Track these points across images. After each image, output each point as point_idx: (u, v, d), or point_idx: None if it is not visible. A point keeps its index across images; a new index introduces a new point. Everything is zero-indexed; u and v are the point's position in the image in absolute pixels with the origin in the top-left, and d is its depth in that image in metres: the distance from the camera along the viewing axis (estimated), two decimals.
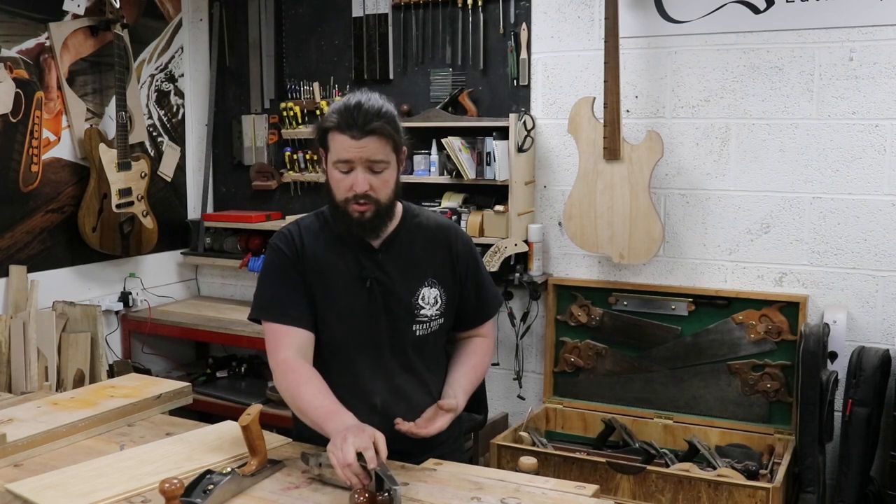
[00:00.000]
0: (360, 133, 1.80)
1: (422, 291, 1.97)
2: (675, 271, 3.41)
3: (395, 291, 1.95)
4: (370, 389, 1.94)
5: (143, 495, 1.66)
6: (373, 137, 1.81)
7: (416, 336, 1.97)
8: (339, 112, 1.83)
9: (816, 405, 2.92)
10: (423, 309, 1.97)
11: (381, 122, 1.81)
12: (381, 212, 1.89)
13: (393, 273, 1.96)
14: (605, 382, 3.49)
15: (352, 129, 1.80)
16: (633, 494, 2.82)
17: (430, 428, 1.85)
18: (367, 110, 1.81)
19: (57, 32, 3.57)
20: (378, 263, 1.96)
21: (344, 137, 1.81)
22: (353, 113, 1.80)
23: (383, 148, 1.83)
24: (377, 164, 1.83)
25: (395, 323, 1.96)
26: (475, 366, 2.06)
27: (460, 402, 1.95)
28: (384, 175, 1.86)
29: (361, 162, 1.82)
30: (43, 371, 3.17)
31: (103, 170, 3.64)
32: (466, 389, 2.00)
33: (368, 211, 1.86)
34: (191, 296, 4.42)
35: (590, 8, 3.44)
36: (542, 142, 3.59)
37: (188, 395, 2.35)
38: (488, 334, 2.14)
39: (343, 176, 1.85)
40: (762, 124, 3.21)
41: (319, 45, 4.06)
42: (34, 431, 1.95)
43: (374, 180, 1.84)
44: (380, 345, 1.96)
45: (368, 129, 1.80)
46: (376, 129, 1.80)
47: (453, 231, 2.07)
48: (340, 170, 1.85)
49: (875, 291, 3.10)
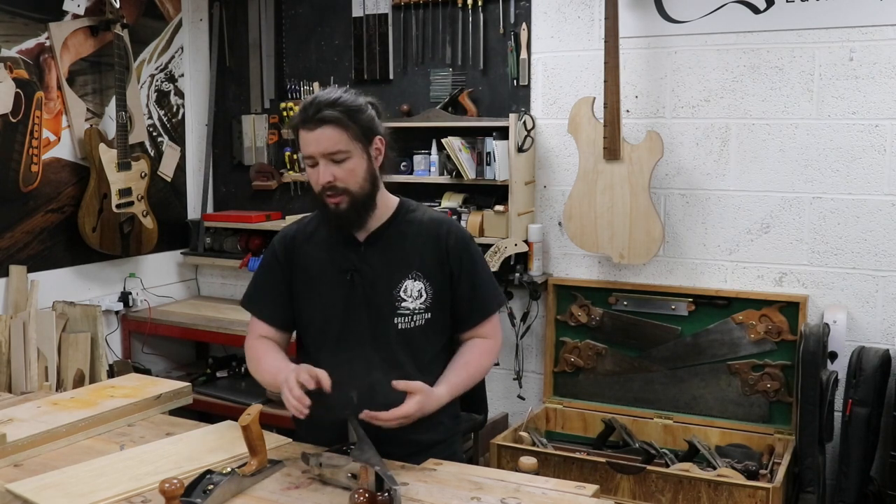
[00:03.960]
0: (313, 124, 1.85)
1: (405, 284, 1.96)
2: (675, 271, 3.41)
3: (376, 284, 1.96)
4: (347, 383, 1.87)
5: (143, 495, 1.66)
6: (325, 127, 1.84)
7: (399, 329, 1.95)
8: (300, 108, 1.90)
9: (816, 405, 2.92)
10: (405, 301, 1.96)
11: (332, 111, 1.84)
12: (356, 203, 1.91)
13: (376, 266, 1.97)
14: (605, 382, 3.49)
15: (307, 122, 1.86)
16: (633, 494, 2.82)
17: (387, 415, 1.79)
18: (320, 102, 1.86)
19: (57, 32, 3.57)
20: (362, 256, 1.97)
21: (303, 132, 1.88)
22: (307, 107, 1.87)
23: (339, 136, 1.85)
24: (336, 154, 1.87)
25: (375, 315, 1.96)
26: (467, 362, 2.02)
27: (439, 393, 1.90)
28: (348, 164, 1.88)
29: (320, 154, 1.87)
30: (43, 371, 3.17)
31: (103, 170, 3.64)
32: (453, 382, 1.96)
33: (342, 202, 1.89)
34: (191, 296, 4.42)
35: (590, 8, 3.44)
36: (542, 142, 3.59)
37: (188, 395, 2.34)
38: (490, 335, 2.07)
39: (312, 170, 1.91)
40: (762, 124, 3.21)
41: (319, 45, 4.06)
42: (34, 431, 1.95)
43: (338, 170, 1.88)
44: (361, 338, 1.96)
45: (319, 118, 1.84)
46: (327, 117, 1.84)
47: (447, 226, 2.03)
48: (308, 164, 1.91)
49: (875, 291, 3.10)
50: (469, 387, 2.03)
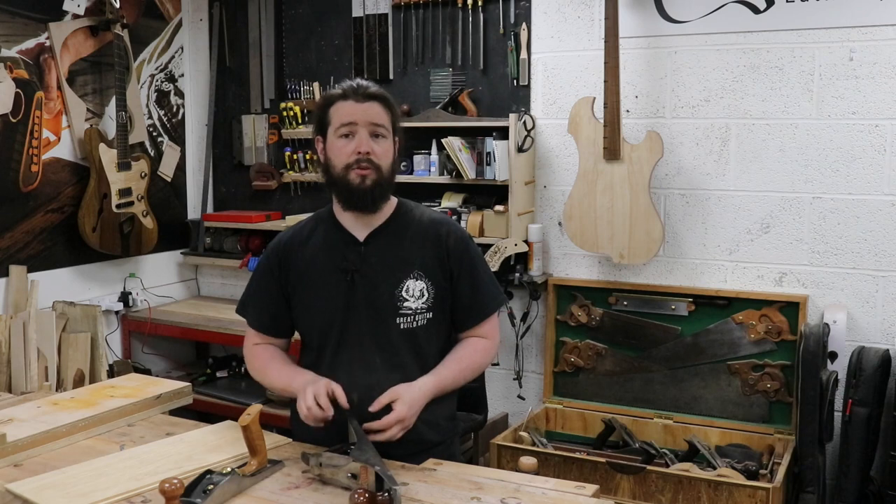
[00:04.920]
0: (363, 98, 1.92)
1: (406, 283, 1.96)
2: (675, 271, 3.41)
3: (377, 284, 1.96)
4: (348, 384, 1.86)
5: (143, 495, 1.66)
6: (374, 102, 1.93)
7: (401, 329, 1.95)
8: (342, 86, 1.96)
9: (816, 405, 2.92)
10: (407, 301, 1.95)
11: (381, 91, 1.96)
12: (381, 181, 1.93)
13: (377, 265, 1.96)
14: (605, 382, 3.49)
15: (356, 94, 1.93)
16: (633, 494, 2.82)
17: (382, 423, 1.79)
18: (368, 84, 1.96)
19: (57, 32, 3.57)
20: (362, 256, 1.97)
21: (347, 103, 1.93)
22: (354, 85, 1.95)
23: (384, 114, 1.94)
24: (379, 129, 1.93)
25: (377, 315, 1.95)
26: (460, 358, 2.00)
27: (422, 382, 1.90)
28: (384, 144, 1.95)
29: (365, 124, 1.92)
30: (43, 371, 3.17)
31: (103, 170, 3.64)
32: (441, 373, 1.95)
33: (369, 176, 1.91)
34: (191, 296, 4.42)
35: (590, 8, 3.44)
36: (542, 142, 3.59)
37: (188, 395, 2.34)
38: (488, 335, 2.07)
39: (346, 142, 1.92)
40: (762, 124, 3.21)
41: (319, 45, 4.06)
42: (34, 431, 1.95)
43: (376, 146, 1.92)
44: (362, 339, 1.96)
45: (370, 93, 1.93)
46: (377, 94, 1.94)
47: (446, 226, 2.04)
48: (342, 133, 1.92)
49: (875, 291, 3.10)
50: (459, 383, 2.01)
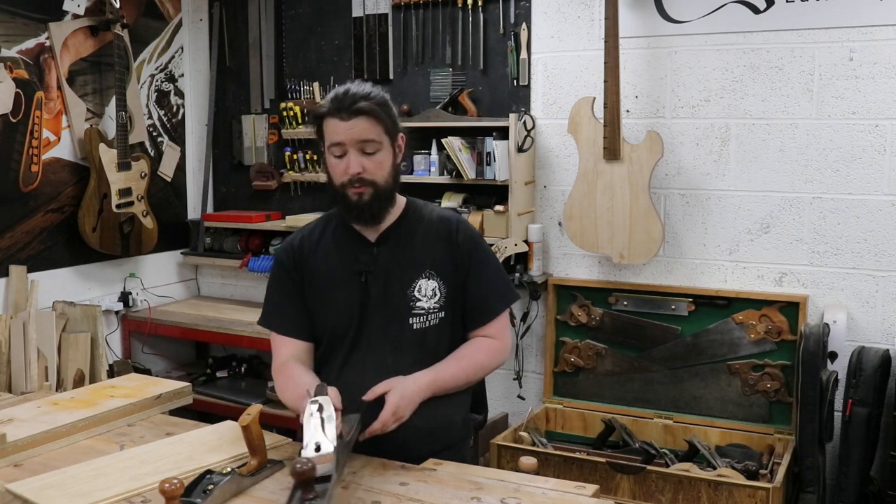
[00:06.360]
0: (348, 114, 1.85)
1: (418, 283, 1.95)
2: (675, 271, 3.41)
3: (390, 284, 1.95)
4: (362, 385, 1.85)
5: (143, 495, 1.66)
6: (361, 118, 1.85)
7: (414, 330, 1.95)
8: (330, 99, 1.89)
9: (816, 405, 2.92)
10: (420, 301, 1.95)
11: (368, 103, 1.86)
12: (379, 195, 1.91)
13: (389, 266, 1.96)
14: (605, 382, 3.49)
15: (340, 112, 1.86)
16: (633, 494, 2.82)
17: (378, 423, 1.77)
18: (355, 94, 1.87)
19: (57, 32, 3.57)
20: (374, 257, 1.96)
21: (334, 121, 1.87)
22: (341, 97, 1.87)
23: (373, 128, 1.87)
24: (368, 145, 1.87)
25: (390, 316, 1.94)
26: (462, 356, 1.98)
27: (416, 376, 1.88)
28: (377, 157, 1.89)
29: (352, 143, 1.87)
30: (43, 371, 3.17)
31: (103, 170, 3.64)
32: (439, 368, 1.92)
33: (366, 194, 1.89)
34: (191, 296, 4.42)
35: (590, 8, 3.44)
36: (542, 142, 3.59)
37: (188, 395, 2.34)
38: (497, 335, 2.03)
39: (337, 161, 1.89)
40: (762, 124, 3.21)
41: (319, 45, 4.06)
42: (34, 431, 1.95)
43: (367, 162, 1.88)
44: (376, 340, 1.95)
45: (355, 108, 1.85)
46: (363, 108, 1.85)
47: (455, 223, 2.03)
48: (334, 154, 1.90)
49: (875, 291, 3.10)
50: (460, 381, 1.97)
